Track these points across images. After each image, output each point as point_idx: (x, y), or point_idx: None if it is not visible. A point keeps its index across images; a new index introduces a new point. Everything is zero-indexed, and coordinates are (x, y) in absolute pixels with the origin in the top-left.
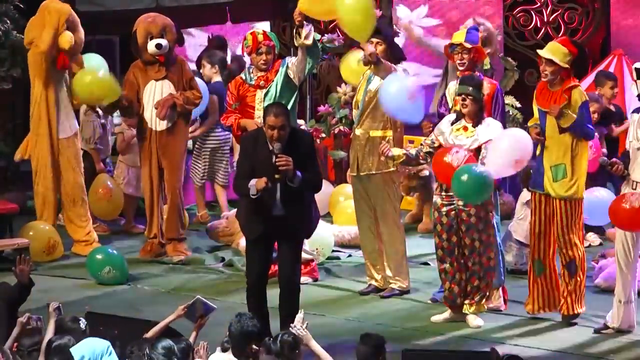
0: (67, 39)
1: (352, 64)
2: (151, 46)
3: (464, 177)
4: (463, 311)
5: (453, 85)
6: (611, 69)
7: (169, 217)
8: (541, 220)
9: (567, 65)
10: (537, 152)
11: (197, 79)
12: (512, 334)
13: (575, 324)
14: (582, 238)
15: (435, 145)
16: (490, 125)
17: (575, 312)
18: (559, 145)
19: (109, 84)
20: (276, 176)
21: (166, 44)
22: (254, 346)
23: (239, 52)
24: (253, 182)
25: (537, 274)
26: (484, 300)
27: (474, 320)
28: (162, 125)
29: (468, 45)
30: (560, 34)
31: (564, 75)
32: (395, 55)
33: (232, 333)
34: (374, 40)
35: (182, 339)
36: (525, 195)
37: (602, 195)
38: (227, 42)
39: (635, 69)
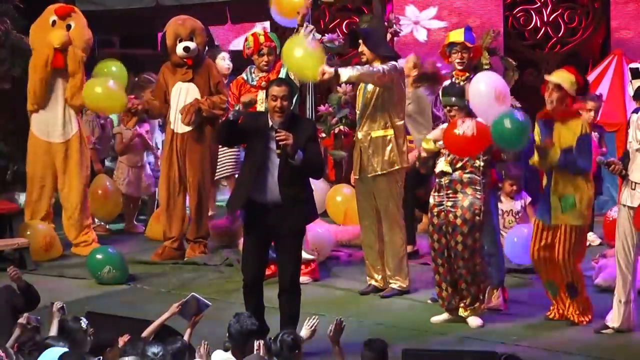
0: (57, 36)
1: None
2: (179, 49)
3: (506, 124)
4: (459, 314)
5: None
6: (611, 69)
7: (194, 219)
8: (542, 248)
9: (573, 94)
10: (544, 183)
11: None
12: (512, 334)
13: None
14: (580, 262)
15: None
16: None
17: (582, 323)
18: (566, 175)
19: (116, 96)
20: (277, 151)
21: (194, 47)
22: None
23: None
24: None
25: (553, 296)
26: (477, 304)
27: (474, 321)
28: (184, 128)
29: (469, 45)
30: (560, 34)
31: (569, 104)
32: (384, 54)
33: (231, 333)
34: (361, 49)
35: (177, 338)
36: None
37: (522, 233)
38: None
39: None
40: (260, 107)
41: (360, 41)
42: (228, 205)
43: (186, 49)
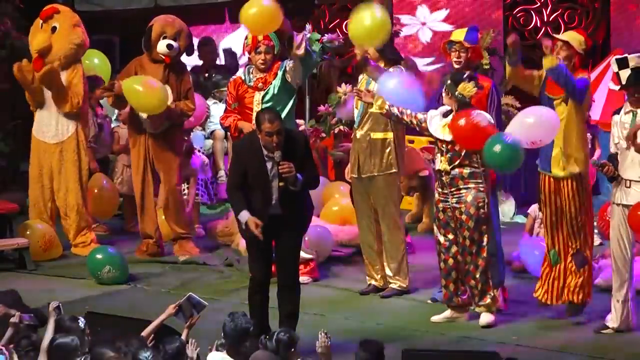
0: (37, 41)
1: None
2: (162, 45)
3: (497, 148)
4: (475, 310)
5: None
6: (611, 69)
7: (172, 217)
8: (552, 209)
9: (581, 52)
10: None
11: None
12: (512, 334)
13: (580, 312)
14: (592, 227)
15: (422, 125)
16: None
17: (584, 301)
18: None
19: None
20: (280, 184)
21: (177, 46)
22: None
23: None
24: (245, 216)
25: (552, 264)
26: (488, 300)
27: (485, 318)
28: (155, 128)
29: (467, 44)
30: (561, 34)
31: (576, 64)
32: (389, 57)
33: (226, 332)
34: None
35: (176, 338)
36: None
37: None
38: (215, 41)
39: (617, 59)
40: (257, 108)
41: None
42: (239, 228)
43: (169, 46)
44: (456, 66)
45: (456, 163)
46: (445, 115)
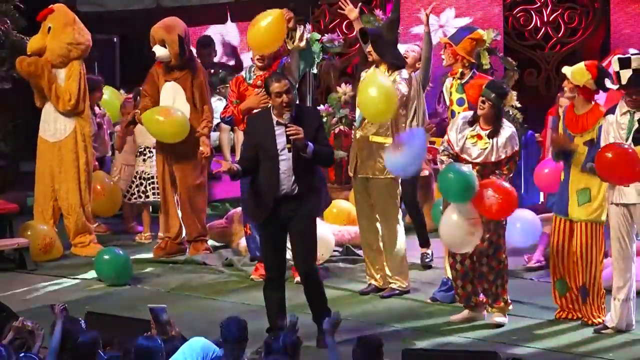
0: (31, 43)
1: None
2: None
3: (450, 175)
4: (489, 312)
5: (449, 82)
6: (611, 69)
7: (184, 219)
8: (561, 242)
9: (580, 85)
10: (562, 177)
11: None
12: (513, 334)
13: (604, 328)
14: (601, 263)
15: (452, 152)
16: (505, 138)
17: (597, 322)
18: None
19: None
20: (288, 146)
21: (160, 52)
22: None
23: None
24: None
25: (561, 294)
26: (502, 303)
27: (497, 319)
28: None
29: (446, 41)
30: (560, 34)
31: (584, 97)
32: (391, 62)
33: (225, 337)
34: (369, 49)
35: (174, 336)
36: None
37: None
38: (213, 40)
39: (620, 59)
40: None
41: (370, 41)
42: (249, 213)
43: (153, 53)
44: (443, 64)
45: (485, 173)
46: (469, 122)
